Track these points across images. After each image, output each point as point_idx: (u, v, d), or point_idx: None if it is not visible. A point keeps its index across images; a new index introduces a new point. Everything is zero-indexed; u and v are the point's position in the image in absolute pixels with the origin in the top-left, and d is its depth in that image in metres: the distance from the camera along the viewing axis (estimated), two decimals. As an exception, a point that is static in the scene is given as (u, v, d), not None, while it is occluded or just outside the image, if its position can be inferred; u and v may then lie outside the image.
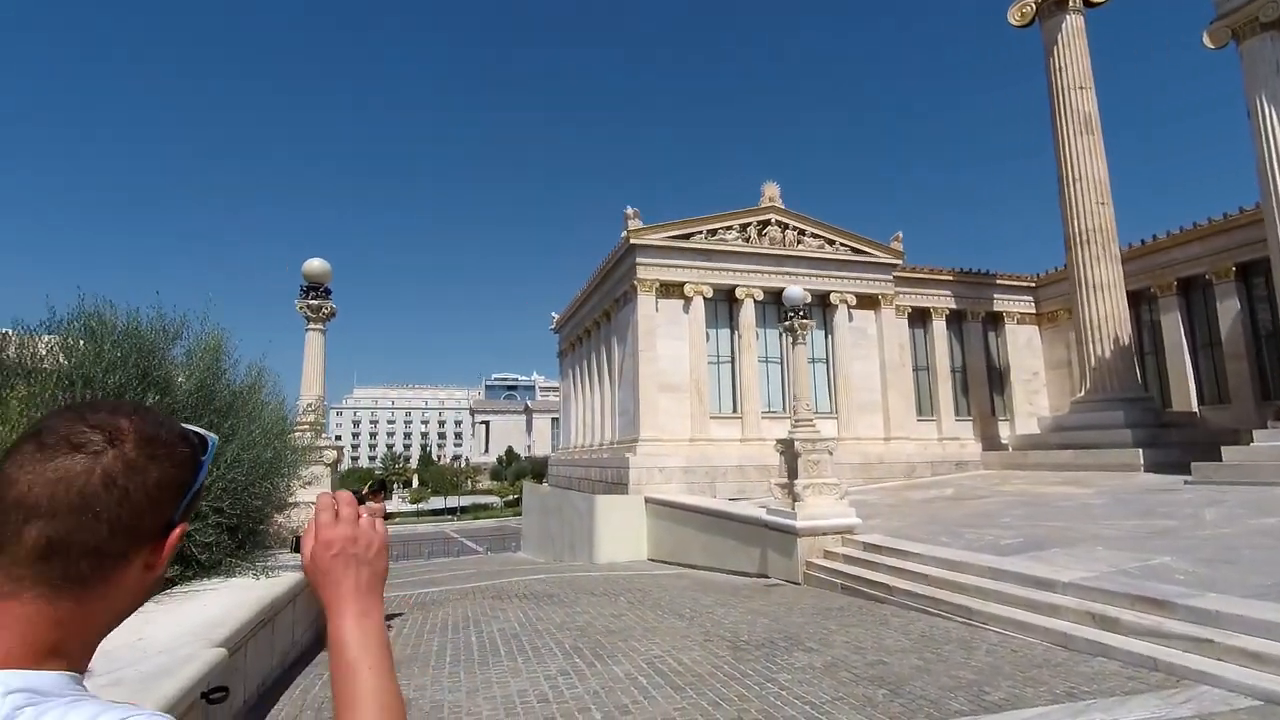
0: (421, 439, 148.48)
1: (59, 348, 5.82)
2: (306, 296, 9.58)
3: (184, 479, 0.83)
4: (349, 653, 0.85)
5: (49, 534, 0.73)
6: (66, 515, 0.74)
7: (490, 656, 7.05)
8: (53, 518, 0.73)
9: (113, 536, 0.76)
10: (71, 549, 0.74)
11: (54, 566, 0.73)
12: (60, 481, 0.74)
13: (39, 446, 0.76)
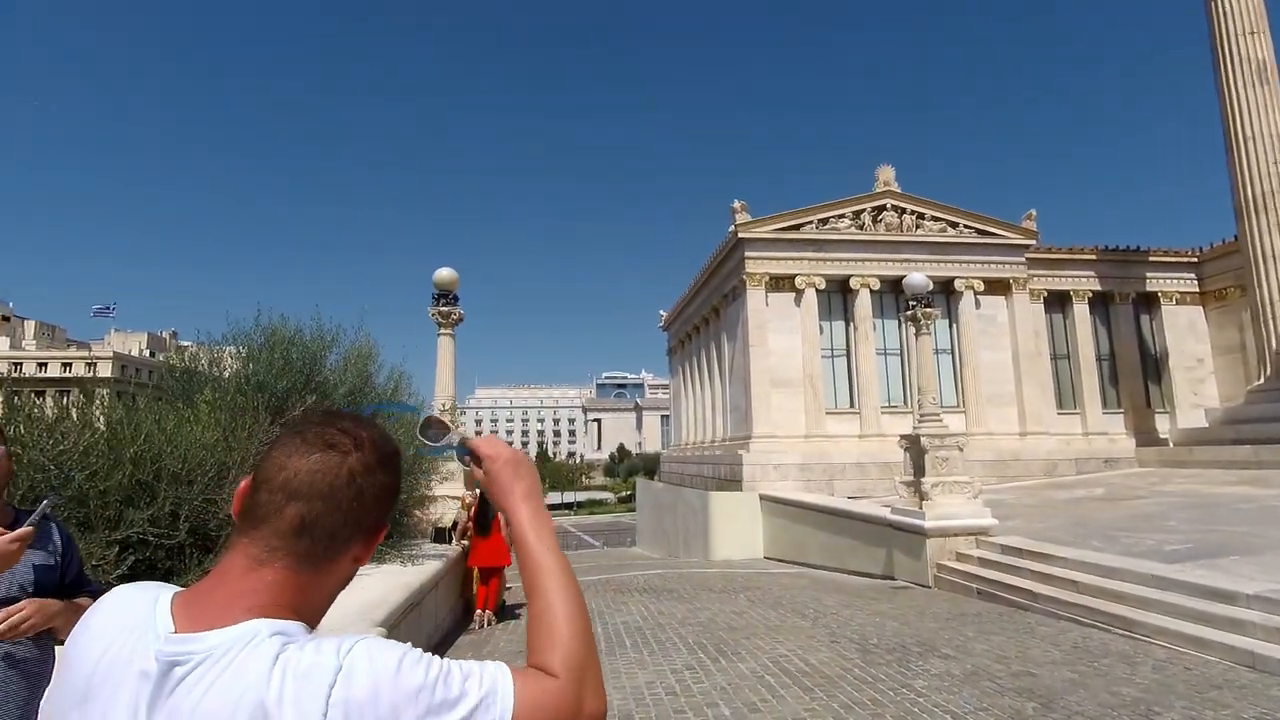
0: (538, 436, 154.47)
1: (238, 357, 6.59)
2: (437, 304, 10.25)
3: (396, 487, 0.97)
4: (530, 538, 1.01)
5: (303, 513, 0.86)
6: (318, 500, 0.86)
7: (616, 648, 7.23)
8: (308, 500, 0.86)
9: (345, 525, 0.89)
10: (317, 529, 0.86)
11: (302, 542, 0.86)
12: (317, 472, 0.87)
13: (303, 441, 0.89)
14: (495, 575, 8.75)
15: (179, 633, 0.78)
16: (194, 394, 6.05)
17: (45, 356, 70.56)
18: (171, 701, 0.74)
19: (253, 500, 0.87)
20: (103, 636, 0.81)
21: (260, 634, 0.77)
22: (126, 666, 0.78)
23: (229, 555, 0.86)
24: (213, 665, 0.75)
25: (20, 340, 76.61)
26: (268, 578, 0.84)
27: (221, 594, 0.83)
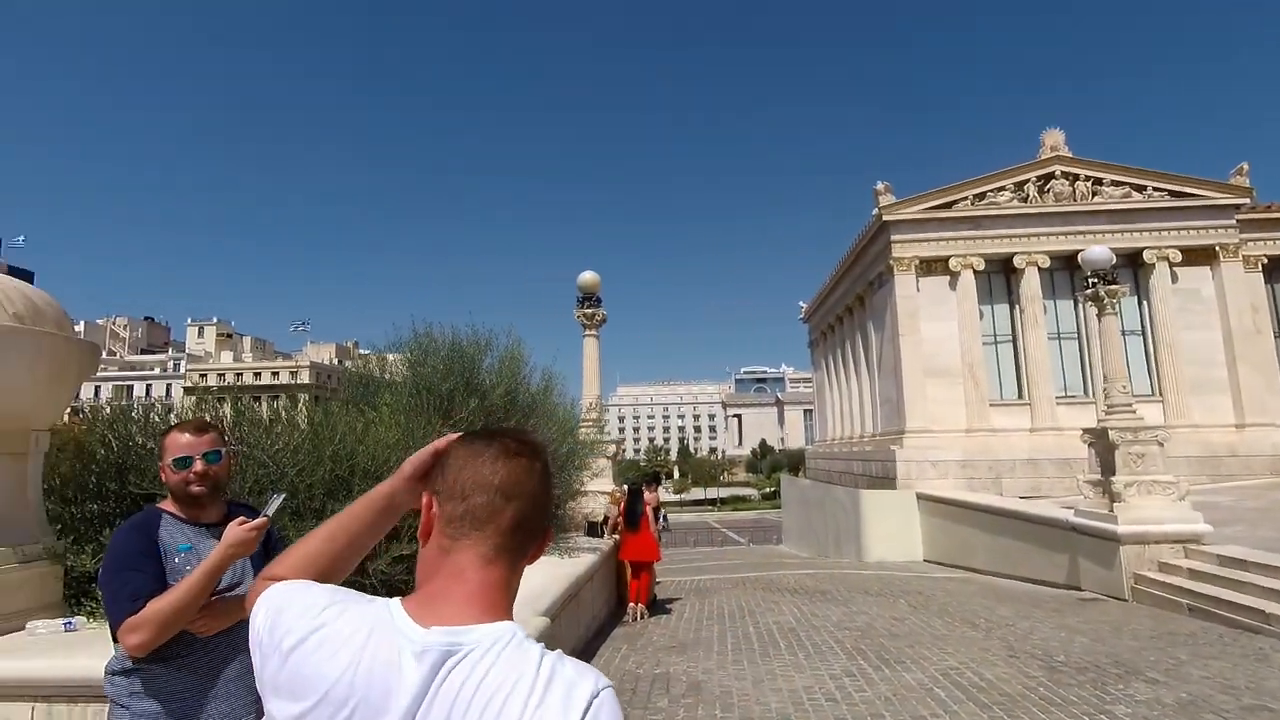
0: (679, 433, 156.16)
1: (405, 363, 7.24)
2: (581, 306, 10.63)
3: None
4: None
5: (518, 513, 0.95)
6: (526, 500, 0.96)
7: (770, 649, 7.09)
8: (520, 500, 0.95)
9: (541, 522, 1.00)
10: (526, 527, 0.96)
11: (517, 539, 0.96)
12: (523, 475, 0.97)
13: (501, 449, 0.98)
14: (645, 569, 8.92)
15: (429, 627, 0.87)
16: (374, 397, 6.71)
17: (259, 367, 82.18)
18: (447, 686, 0.83)
19: (468, 505, 0.94)
20: (347, 646, 0.87)
21: (517, 634, 0.88)
22: (389, 666, 0.84)
23: (458, 556, 0.93)
24: (483, 654, 0.85)
25: (240, 353, 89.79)
26: (496, 575, 0.93)
27: (460, 592, 0.91)
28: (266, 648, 0.92)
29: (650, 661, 6.72)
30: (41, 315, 3.80)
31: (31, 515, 3.93)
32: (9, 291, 3.69)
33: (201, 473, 2.16)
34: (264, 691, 0.93)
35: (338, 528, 1.14)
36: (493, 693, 0.82)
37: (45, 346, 3.77)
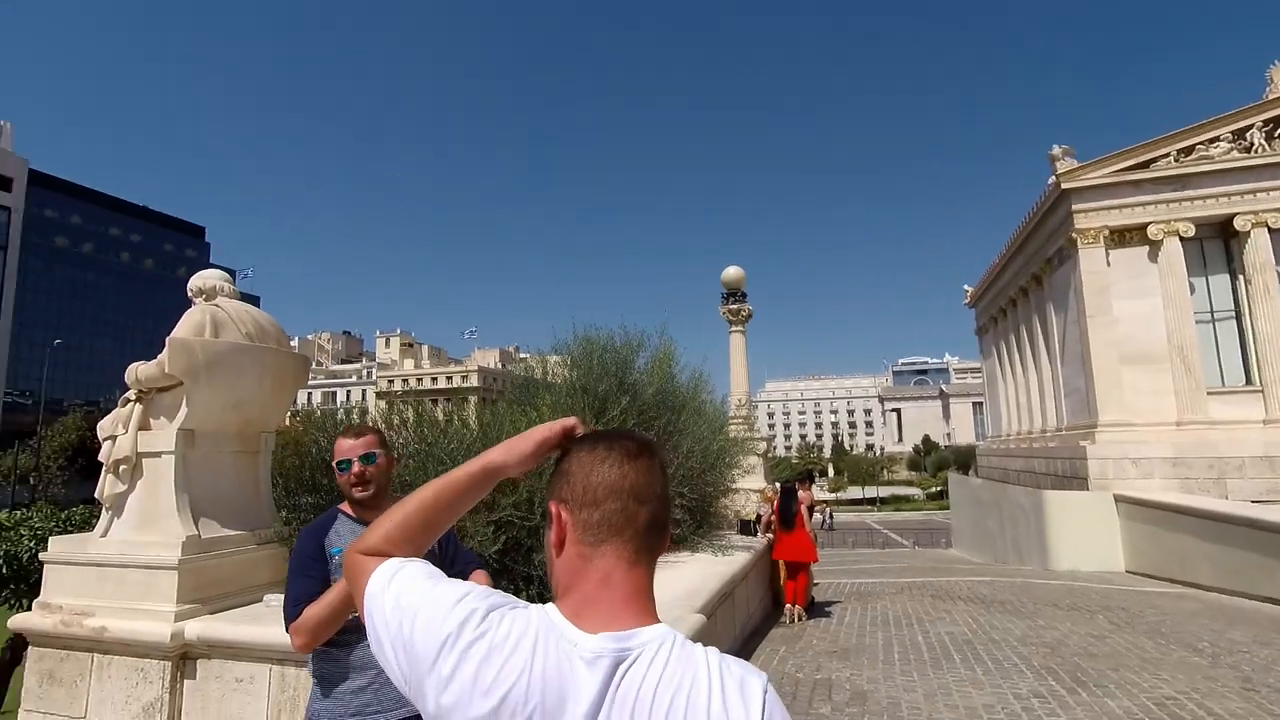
0: (831, 429, 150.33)
1: (562, 365, 7.60)
2: (726, 302, 10.56)
3: None
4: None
5: (650, 515, 0.97)
6: (657, 501, 0.98)
7: (943, 660, 6.60)
8: (652, 502, 0.97)
9: (667, 519, 1.02)
10: (657, 526, 0.98)
11: (651, 539, 0.97)
12: (650, 476, 0.99)
13: (624, 453, 0.99)
14: (802, 570, 8.67)
15: (592, 633, 0.89)
16: (535, 398, 7.11)
17: (434, 372, 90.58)
18: (624, 689, 0.85)
19: (603, 512, 0.95)
20: (517, 653, 0.87)
21: (677, 635, 0.91)
22: (562, 673, 0.86)
23: (600, 562, 0.94)
24: (653, 657, 0.87)
25: (420, 360, 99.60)
26: (640, 578, 0.96)
27: (612, 597, 0.93)
28: (417, 656, 0.90)
29: (810, 665, 6.53)
30: (266, 334, 4.45)
31: (264, 504, 4.61)
32: (241, 315, 4.35)
33: (359, 474, 2.33)
34: (419, 696, 0.91)
35: (434, 495, 1.09)
36: (673, 692, 0.83)
37: (269, 360, 4.40)
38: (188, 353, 4.01)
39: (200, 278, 4.48)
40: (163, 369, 4.04)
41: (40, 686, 4.03)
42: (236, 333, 4.23)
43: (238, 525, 4.31)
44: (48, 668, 4.04)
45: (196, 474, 4.15)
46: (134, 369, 4.17)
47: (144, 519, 4.12)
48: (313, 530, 2.35)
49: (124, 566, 3.97)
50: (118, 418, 4.21)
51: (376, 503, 2.41)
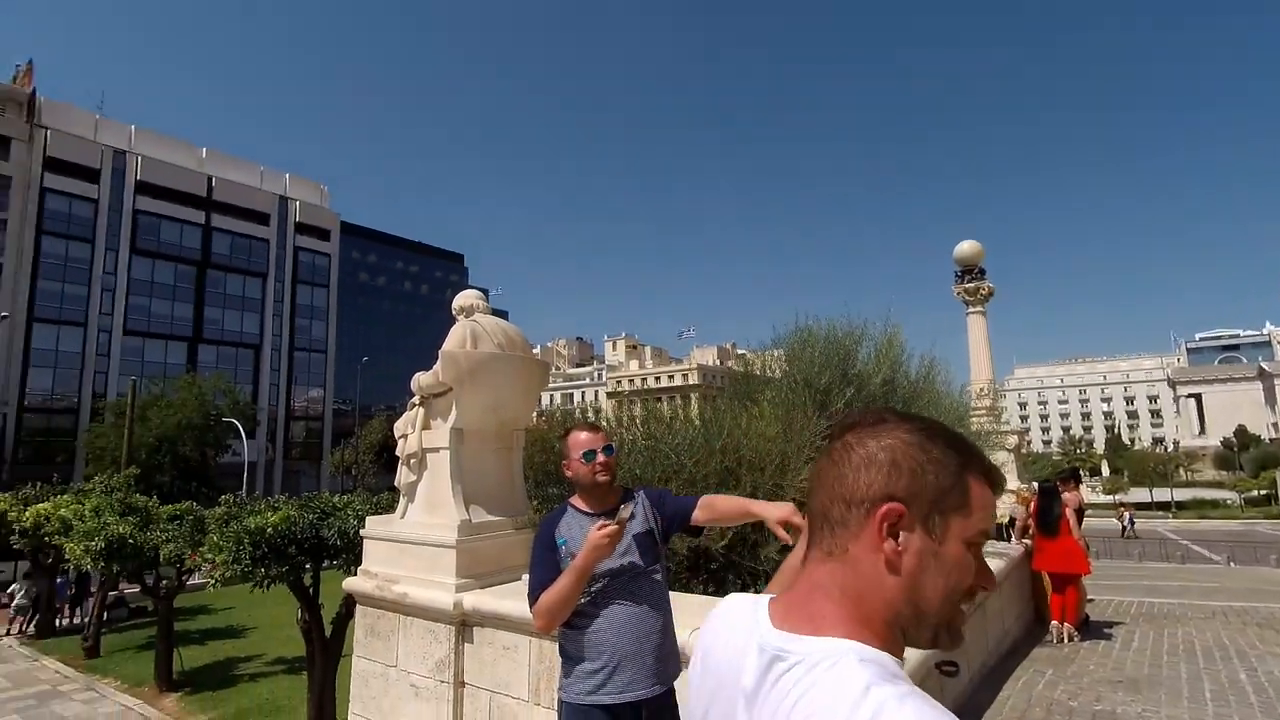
0: (1103, 419, 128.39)
1: (781, 360, 7.48)
2: (962, 280, 9.56)
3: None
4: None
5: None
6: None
7: (1277, 704, 5.28)
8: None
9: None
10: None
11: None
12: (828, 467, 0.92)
13: (827, 451, 0.93)
14: (1071, 583, 7.52)
15: (778, 629, 0.87)
16: (755, 394, 7.10)
17: (657, 371, 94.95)
18: (776, 691, 0.80)
19: (809, 510, 0.93)
20: (724, 621, 0.97)
21: (849, 656, 0.78)
22: (741, 653, 0.89)
23: (806, 562, 0.93)
24: (808, 670, 0.79)
25: (643, 361, 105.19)
26: (832, 581, 0.88)
27: (804, 599, 0.89)
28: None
29: (1087, 695, 5.63)
30: (514, 343, 5.03)
31: (519, 494, 5.21)
32: (493, 328, 4.97)
33: (605, 463, 2.56)
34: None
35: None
36: (805, 717, 0.75)
37: (518, 367, 4.97)
38: (455, 363, 4.68)
39: (461, 297, 5.20)
40: (437, 377, 4.77)
41: (365, 637, 5.00)
42: (491, 344, 4.84)
43: (499, 512, 4.92)
44: (369, 622, 4.99)
45: (466, 467, 4.83)
46: (417, 378, 4.98)
47: (429, 504, 4.90)
48: (547, 522, 2.61)
49: (417, 544, 4.76)
50: (408, 419, 5.06)
51: (610, 489, 2.63)
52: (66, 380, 48.46)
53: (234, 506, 9.85)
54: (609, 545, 2.31)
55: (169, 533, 12.05)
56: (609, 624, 2.44)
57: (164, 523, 12.94)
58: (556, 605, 2.36)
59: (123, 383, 42.88)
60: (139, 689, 13.62)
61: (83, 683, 14.30)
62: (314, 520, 8.39)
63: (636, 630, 2.45)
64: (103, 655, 16.24)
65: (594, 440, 2.59)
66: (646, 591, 2.52)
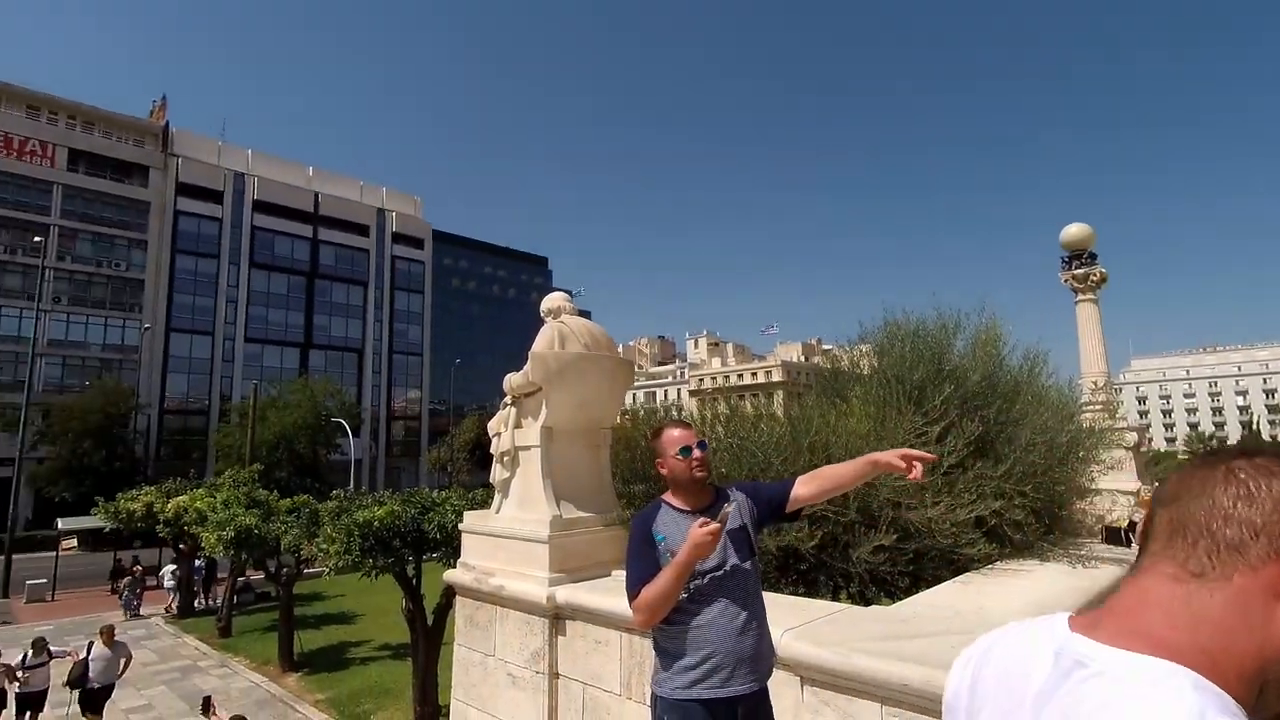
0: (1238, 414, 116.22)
1: (870, 355, 7.24)
2: (1069, 267, 8.92)
3: None
4: None
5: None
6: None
7: None
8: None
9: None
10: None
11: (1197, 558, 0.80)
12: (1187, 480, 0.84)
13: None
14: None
15: (1084, 635, 0.81)
16: (843, 390, 6.91)
17: (739, 369, 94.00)
18: (1068, 697, 0.75)
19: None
20: (1004, 642, 0.92)
21: (1172, 680, 0.70)
22: (1031, 656, 0.85)
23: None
24: (1112, 683, 0.73)
25: (725, 359, 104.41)
26: (1165, 597, 0.79)
27: (1125, 611, 0.81)
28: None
29: None
30: (599, 343, 5.13)
31: (607, 491, 5.32)
32: (580, 329, 5.09)
33: (700, 458, 2.58)
34: None
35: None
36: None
37: (605, 366, 5.07)
38: (543, 363, 4.84)
39: (549, 300, 5.36)
40: (527, 378, 4.94)
41: (465, 626, 5.25)
42: (578, 344, 4.96)
43: (588, 509, 5.04)
44: (468, 612, 5.23)
45: (556, 464, 4.97)
46: (508, 379, 5.17)
47: (522, 500, 5.08)
48: (642, 519, 2.65)
49: (511, 538, 4.95)
50: (500, 418, 5.27)
51: (705, 485, 2.65)
52: (198, 384, 53.37)
53: (344, 501, 10.57)
54: (712, 544, 2.33)
55: (288, 524, 13.07)
56: (708, 620, 2.46)
57: (283, 515, 14.04)
58: (658, 602, 2.39)
59: (245, 386, 46.97)
60: (265, 667, 14.84)
61: (217, 659, 15.74)
62: (415, 515, 8.87)
63: (735, 627, 2.47)
64: (233, 635, 17.79)
65: (688, 437, 2.62)
66: (743, 588, 2.54)
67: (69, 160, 48.95)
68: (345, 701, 12.33)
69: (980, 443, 5.72)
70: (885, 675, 2.78)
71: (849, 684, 2.94)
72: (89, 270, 48.56)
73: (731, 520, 2.55)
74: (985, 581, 5.24)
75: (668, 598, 2.38)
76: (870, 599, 4.99)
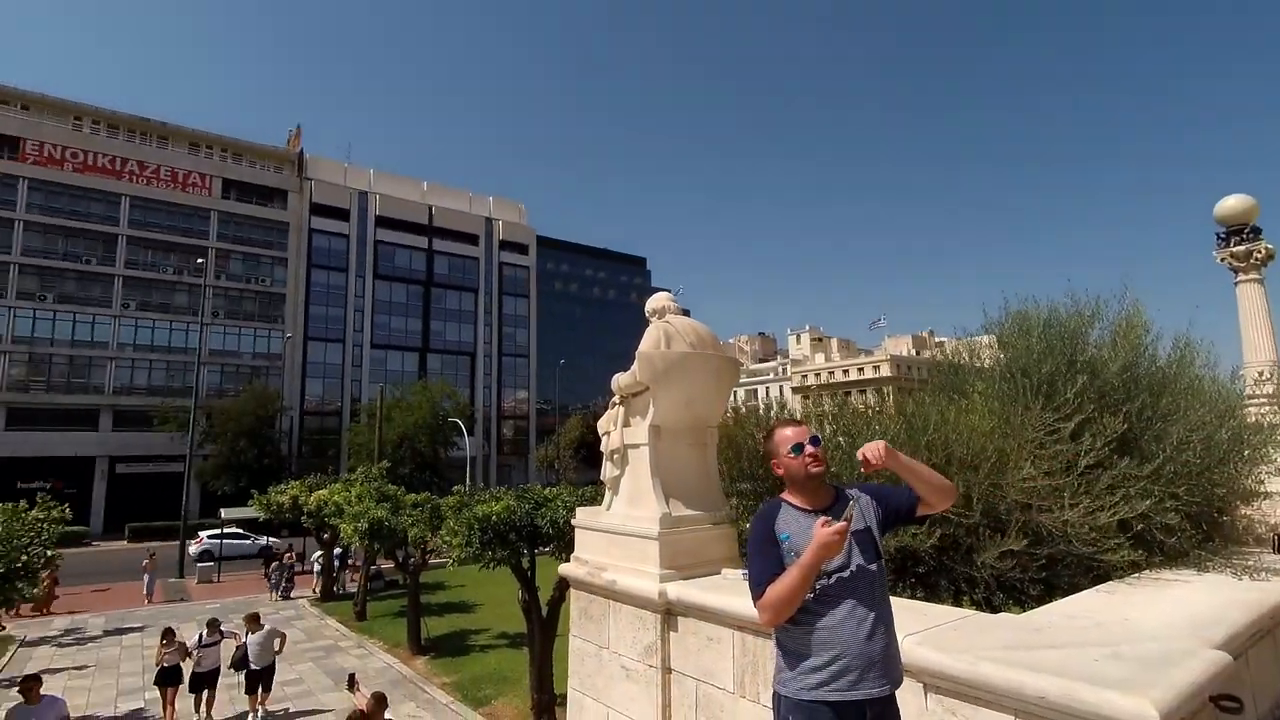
0: None
1: (992, 347, 6.80)
2: (1227, 243, 7.97)
3: None
4: None
5: None
6: None
7: None
8: None
9: None
10: None
11: None
12: None
13: None
14: None
15: None
16: (962, 385, 6.55)
17: (845, 364, 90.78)
18: None
19: None
20: None
21: None
22: None
23: None
24: None
25: (830, 354, 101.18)
26: None
27: None
28: None
29: None
30: (704, 341, 5.16)
31: (714, 490, 5.33)
32: (685, 328, 5.14)
33: (814, 454, 2.55)
34: None
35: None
36: None
37: (710, 364, 5.09)
38: (650, 363, 4.93)
39: (653, 300, 5.45)
40: (634, 377, 5.05)
41: (579, 618, 5.44)
42: (684, 343, 5.02)
43: (696, 507, 5.07)
44: (582, 605, 5.41)
45: (664, 462, 5.05)
46: (616, 379, 5.30)
47: (631, 497, 5.20)
48: (763, 517, 2.64)
49: (622, 534, 5.07)
50: (609, 417, 5.41)
51: (822, 483, 2.62)
52: (332, 388, 58.25)
53: (464, 496, 11.21)
54: (839, 544, 2.31)
55: (413, 517, 14.01)
56: (835, 621, 2.43)
57: (409, 509, 15.06)
58: (784, 601, 2.38)
59: (372, 389, 50.81)
60: (396, 649, 16.00)
61: (355, 641, 17.13)
62: (529, 510, 9.27)
63: (863, 630, 2.42)
64: (368, 619, 19.29)
65: (800, 433, 2.61)
66: (870, 591, 2.49)
67: (223, 189, 54.93)
68: (468, 685, 13.07)
69: (1123, 440, 5.24)
70: (1019, 686, 2.63)
71: (977, 693, 2.81)
72: (240, 287, 54.23)
73: (856, 522, 2.50)
74: (1131, 591, 4.81)
75: (794, 598, 2.37)
76: (998, 606, 4.70)
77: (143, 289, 50.30)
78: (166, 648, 11.41)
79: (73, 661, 15.70)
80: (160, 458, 46.66)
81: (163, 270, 51.07)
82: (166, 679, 11.32)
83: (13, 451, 43.13)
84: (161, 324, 50.34)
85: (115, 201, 50.02)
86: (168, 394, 47.26)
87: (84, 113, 53.22)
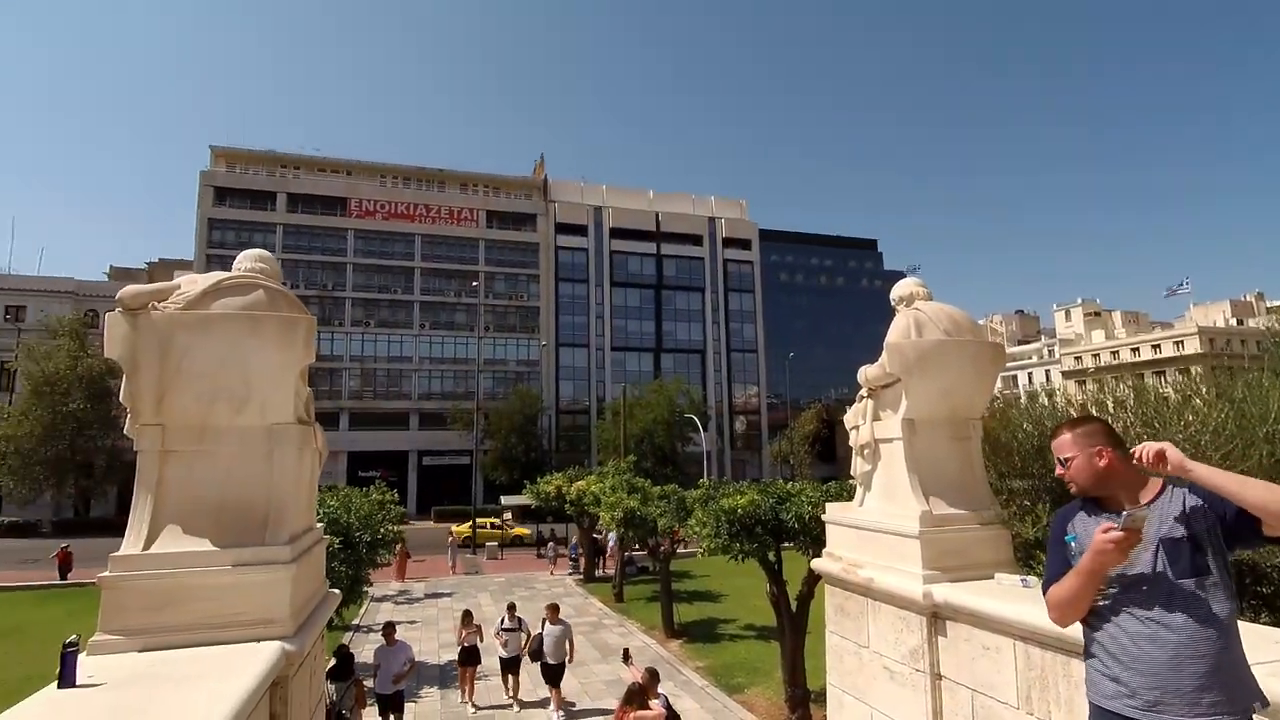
0: None
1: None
2: None
3: None
4: None
5: None
6: None
7: None
8: None
9: None
10: None
11: None
12: None
13: None
14: None
15: None
16: None
17: (1134, 341, 75.99)
18: None
19: None
20: None
21: None
22: None
23: None
24: None
25: (1111, 330, 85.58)
26: None
27: None
28: None
29: None
30: (960, 327, 4.80)
31: (980, 487, 4.92)
32: (937, 314, 4.83)
33: (1098, 450, 2.37)
34: None
35: None
36: None
37: (968, 351, 4.72)
38: (900, 354, 4.72)
39: (899, 287, 5.20)
40: (883, 369, 4.87)
41: (835, 615, 5.39)
42: (937, 330, 4.72)
43: (959, 505, 4.73)
44: (838, 602, 5.36)
45: (920, 457, 4.79)
46: (863, 371, 5.16)
47: (885, 494, 5.02)
48: (1061, 515, 2.53)
49: (877, 531, 4.92)
50: (857, 411, 5.29)
51: (1129, 482, 2.38)
52: (580, 389, 64.22)
53: (710, 489, 11.66)
54: (1115, 551, 2.12)
55: (660, 508, 14.91)
56: (1123, 634, 2.22)
57: (656, 500, 16.05)
58: (1063, 604, 2.31)
59: (613, 389, 55.13)
60: (652, 631, 17.14)
61: (616, 620, 18.71)
62: (773, 504, 9.36)
63: (1164, 651, 2.12)
64: (625, 601, 20.94)
65: (1057, 445, 2.50)
66: (1173, 606, 2.16)
67: (486, 220, 63.78)
68: (720, 671, 13.54)
69: None
70: None
71: (1367, 745, 2.27)
72: (503, 303, 62.53)
73: (1163, 526, 2.20)
74: None
75: (1073, 602, 2.26)
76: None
77: (433, 311, 60.57)
78: (467, 628, 12.43)
79: (406, 617, 19.40)
80: (453, 451, 55.80)
81: (446, 294, 60.92)
82: (467, 659, 12.25)
83: (356, 447, 54.72)
84: (449, 339, 60.15)
85: (411, 240, 60.96)
86: (456, 398, 56.20)
87: (385, 171, 65.51)
